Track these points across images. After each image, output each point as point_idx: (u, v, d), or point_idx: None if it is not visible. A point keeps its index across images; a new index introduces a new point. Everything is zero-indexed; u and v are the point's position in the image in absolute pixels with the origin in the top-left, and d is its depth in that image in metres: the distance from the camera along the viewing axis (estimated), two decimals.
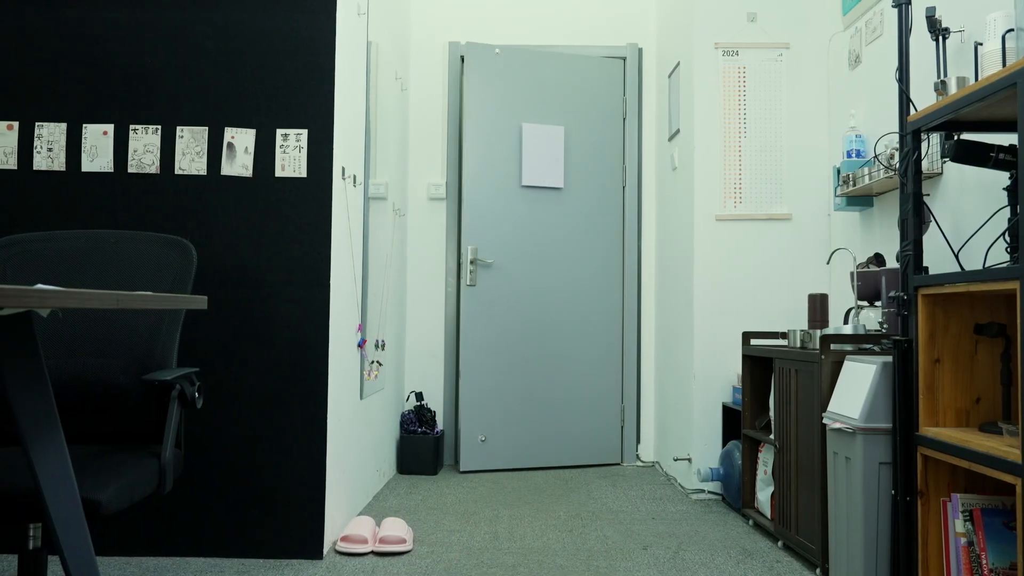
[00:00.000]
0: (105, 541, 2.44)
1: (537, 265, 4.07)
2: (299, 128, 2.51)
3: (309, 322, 2.48)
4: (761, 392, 3.00)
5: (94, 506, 1.39)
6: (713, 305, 3.40)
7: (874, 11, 2.97)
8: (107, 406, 1.82)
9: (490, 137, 4.01)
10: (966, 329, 1.95)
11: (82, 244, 1.94)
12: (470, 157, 3.99)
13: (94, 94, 2.51)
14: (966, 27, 2.31)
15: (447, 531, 2.83)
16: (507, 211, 4.02)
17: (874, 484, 2.08)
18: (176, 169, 2.51)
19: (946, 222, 2.38)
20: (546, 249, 4.09)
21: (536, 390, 4.05)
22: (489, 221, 3.99)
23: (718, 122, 3.42)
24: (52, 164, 2.51)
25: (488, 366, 3.96)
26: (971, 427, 1.93)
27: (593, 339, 4.16)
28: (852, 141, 2.93)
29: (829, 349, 2.35)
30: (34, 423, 1.28)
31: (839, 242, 3.29)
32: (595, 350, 4.16)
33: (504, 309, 4.00)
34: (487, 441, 3.93)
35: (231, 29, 2.52)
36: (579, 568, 2.42)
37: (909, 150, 2.02)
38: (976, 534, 1.81)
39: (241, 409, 2.47)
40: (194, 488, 2.46)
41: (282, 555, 2.46)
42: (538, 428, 4.03)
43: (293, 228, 2.50)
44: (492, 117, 4.02)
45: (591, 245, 4.17)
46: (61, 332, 1.86)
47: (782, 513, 2.65)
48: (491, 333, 3.98)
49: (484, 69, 4.03)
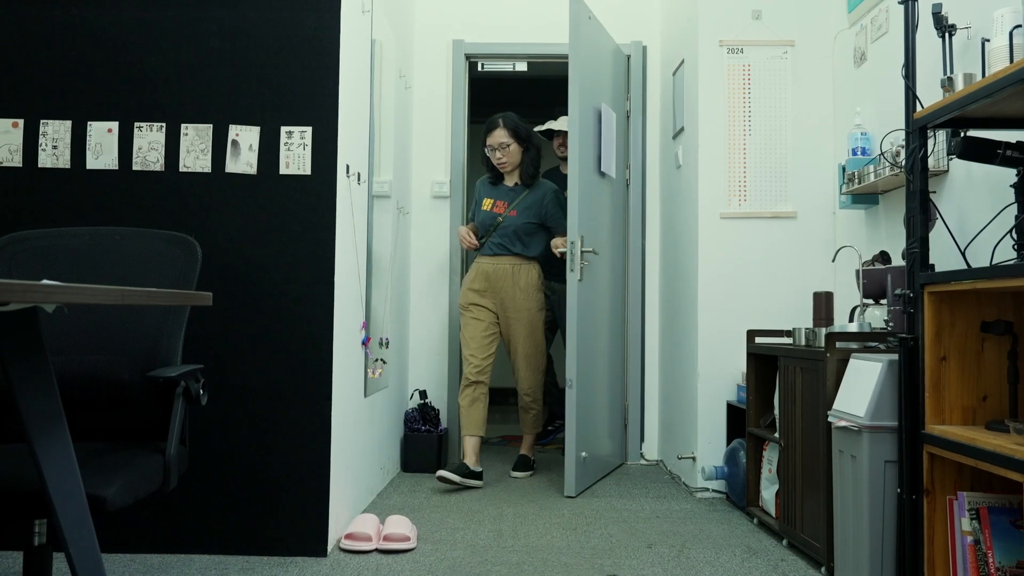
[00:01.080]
0: (110, 538, 2.44)
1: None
2: (303, 126, 2.51)
3: (313, 319, 2.48)
4: (766, 390, 2.99)
5: (99, 502, 1.40)
6: (717, 303, 3.40)
7: (880, 8, 2.95)
8: (112, 403, 1.82)
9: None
10: (973, 327, 1.94)
11: (87, 241, 1.95)
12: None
13: (99, 92, 2.52)
14: (973, 23, 2.29)
15: (451, 529, 2.83)
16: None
17: (880, 482, 2.07)
18: (181, 166, 2.51)
19: (952, 219, 2.37)
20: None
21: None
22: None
23: (723, 120, 3.41)
24: (57, 161, 2.51)
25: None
26: (978, 425, 1.92)
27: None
28: (857, 139, 2.92)
29: (834, 347, 2.34)
30: (39, 420, 1.28)
31: (844, 240, 3.28)
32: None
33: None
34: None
35: (236, 27, 2.52)
36: (583, 566, 2.42)
37: (915, 147, 2.01)
38: (983, 533, 1.81)
39: (245, 406, 2.47)
40: (198, 485, 2.46)
41: (286, 552, 2.46)
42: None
43: (297, 226, 2.50)
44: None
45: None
46: (66, 329, 1.86)
47: (787, 511, 2.65)
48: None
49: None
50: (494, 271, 3.67)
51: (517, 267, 3.68)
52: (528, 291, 3.68)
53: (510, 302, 3.67)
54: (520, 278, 3.68)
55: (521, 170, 3.72)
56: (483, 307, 3.68)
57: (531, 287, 3.69)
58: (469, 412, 3.58)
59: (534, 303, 3.69)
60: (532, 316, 3.68)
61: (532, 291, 3.69)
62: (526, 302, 3.67)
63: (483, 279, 3.69)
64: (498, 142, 3.65)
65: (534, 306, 3.69)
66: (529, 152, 3.70)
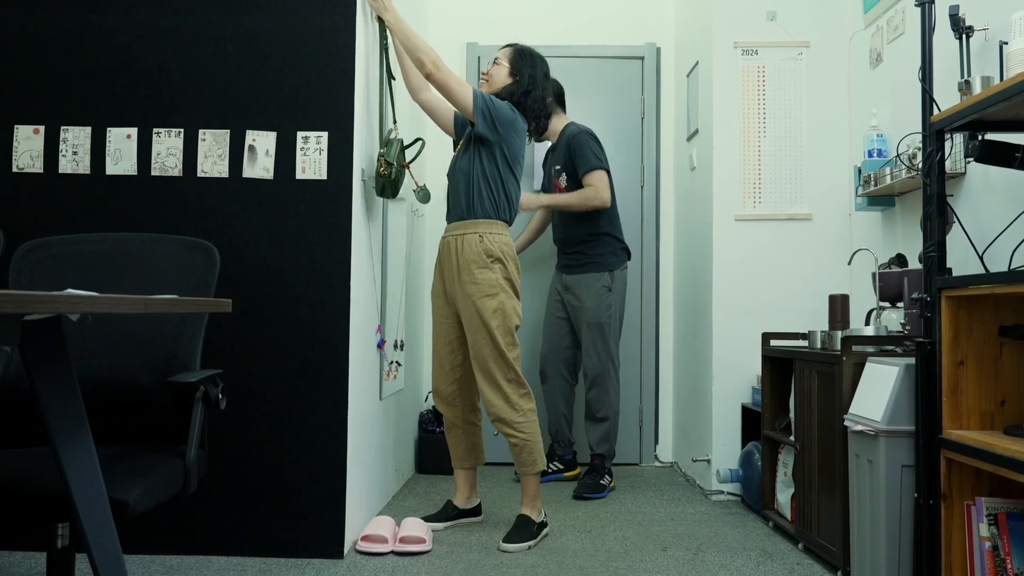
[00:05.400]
0: (131, 539, 2.47)
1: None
2: (319, 131, 2.52)
3: (330, 323, 2.50)
4: (781, 393, 2.98)
5: (121, 506, 1.42)
6: (732, 305, 3.39)
7: (896, 9, 2.94)
8: (132, 407, 1.84)
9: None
10: (990, 331, 1.93)
11: (107, 247, 1.97)
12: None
13: (118, 98, 2.54)
14: (990, 26, 2.28)
15: (466, 531, 2.84)
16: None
17: (897, 487, 2.07)
18: (198, 172, 2.53)
19: (970, 223, 2.36)
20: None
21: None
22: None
23: (737, 121, 3.40)
24: (77, 167, 2.54)
25: None
26: (996, 430, 1.91)
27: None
28: (873, 140, 2.91)
29: (851, 351, 2.33)
30: (63, 425, 1.30)
31: (860, 242, 3.27)
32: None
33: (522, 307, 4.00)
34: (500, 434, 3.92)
35: (252, 33, 2.54)
36: (598, 569, 2.42)
37: (932, 150, 2.00)
38: (1001, 538, 1.80)
39: (263, 410, 2.49)
40: (217, 488, 2.48)
41: (303, 554, 2.47)
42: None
43: (314, 230, 2.51)
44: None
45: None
46: (87, 334, 1.89)
47: (803, 515, 2.64)
48: None
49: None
50: (443, 247, 2.80)
51: (459, 238, 2.72)
52: (469, 269, 2.68)
53: (453, 289, 2.75)
54: (462, 253, 2.70)
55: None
56: (440, 300, 2.84)
57: (472, 263, 2.67)
58: (448, 442, 2.93)
59: (479, 287, 2.66)
60: (477, 305, 2.67)
61: (474, 269, 2.67)
62: (467, 286, 2.68)
63: (438, 260, 2.84)
64: (494, 56, 2.90)
65: (478, 291, 2.66)
66: (515, 88, 2.81)
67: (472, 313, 2.68)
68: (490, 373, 2.69)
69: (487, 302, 2.66)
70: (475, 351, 2.71)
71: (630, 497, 3.40)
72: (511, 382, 2.71)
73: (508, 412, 2.70)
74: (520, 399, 2.72)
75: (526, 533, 2.66)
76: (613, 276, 3.52)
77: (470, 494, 2.94)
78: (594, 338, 3.49)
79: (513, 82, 2.82)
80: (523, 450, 2.73)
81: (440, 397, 2.87)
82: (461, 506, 2.93)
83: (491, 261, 2.68)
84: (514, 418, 2.70)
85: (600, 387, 3.49)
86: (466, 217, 2.72)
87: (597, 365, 3.49)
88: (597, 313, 3.48)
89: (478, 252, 2.67)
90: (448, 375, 2.85)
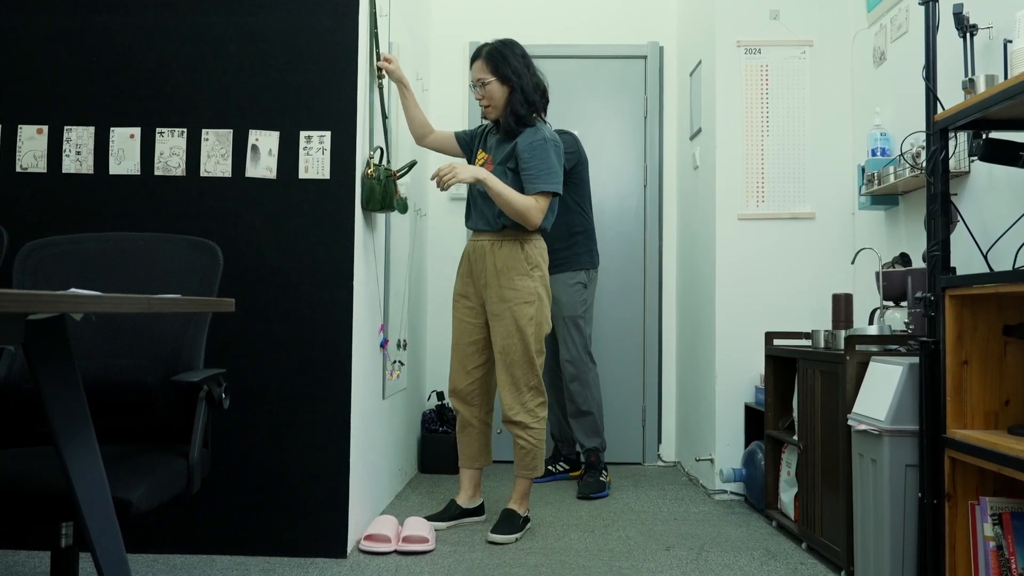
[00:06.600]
0: (134, 538, 2.47)
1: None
2: (322, 130, 2.53)
3: (333, 322, 2.50)
4: (784, 393, 2.98)
5: (125, 506, 1.42)
6: (735, 305, 3.38)
7: (899, 8, 2.93)
8: (136, 406, 1.84)
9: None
10: (995, 330, 1.92)
11: (111, 246, 1.97)
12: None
13: (121, 98, 2.55)
14: (995, 24, 2.27)
15: (469, 530, 2.84)
16: None
17: (900, 487, 2.06)
18: (201, 171, 2.53)
19: (974, 221, 2.35)
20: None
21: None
22: None
23: (740, 121, 3.40)
24: (80, 167, 2.54)
25: None
26: (1000, 430, 1.91)
27: (614, 338, 4.15)
28: (877, 139, 2.90)
29: (854, 350, 2.33)
30: (67, 424, 1.30)
31: (864, 241, 3.26)
32: (616, 349, 4.15)
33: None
34: (503, 433, 3.93)
35: (254, 32, 2.54)
36: (601, 568, 2.42)
37: (936, 149, 1.99)
38: (1005, 538, 1.79)
39: (266, 409, 2.49)
40: (220, 487, 2.48)
41: (306, 554, 2.48)
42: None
43: (317, 229, 2.51)
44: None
45: (612, 244, 4.16)
46: (90, 334, 1.89)
47: (806, 515, 2.63)
48: None
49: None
50: (474, 251, 2.83)
51: (496, 244, 2.76)
52: (508, 276, 2.73)
53: (486, 293, 2.79)
54: (498, 259, 2.75)
55: (505, 115, 2.79)
56: (468, 302, 2.87)
57: (512, 270, 2.73)
58: (460, 441, 2.94)
59: (519, 293, 2.72)
60: (514, 312, 2.72)
61: (514, 276, 2.73)
62: (506, 291, 2.73)
63: (466, 262, 2.88)
64: (475, 78, 2.79)
65: (517, 297, 2.72)
66: (516, 94, 2.75)
67: (508, 319, 2.73)
68: (515, 377, 2.76)
69: (525, 309, 2.73)
70: (505, 355, 2.75)
71: (633, 496, 3.40)
72: (532, 389, 2.78)
73: (525, 416, 2.77)
74: (537, 407, 2.80)
75: (513, 526, 2.75)
76: (588, 275, 3.59)
77: (474, 493, 2.96)
78: (570, 331, 3.54)
79: (509, 90, 2.76)
80: (528, 454, 2.81)
81: (458, 396, 2.89)
82: (464, 505, 2.94)
83: (531, 268, 2.75)
84: (530, 423, 2.78)
85: (580, 380, 3.52)
86: (498, 227, 2.76)
87: (575, 355, 3.53)
88: (572, 307, 3.53)
89: (520, 259, 2.74)
90: (469, 374, 2.88)
